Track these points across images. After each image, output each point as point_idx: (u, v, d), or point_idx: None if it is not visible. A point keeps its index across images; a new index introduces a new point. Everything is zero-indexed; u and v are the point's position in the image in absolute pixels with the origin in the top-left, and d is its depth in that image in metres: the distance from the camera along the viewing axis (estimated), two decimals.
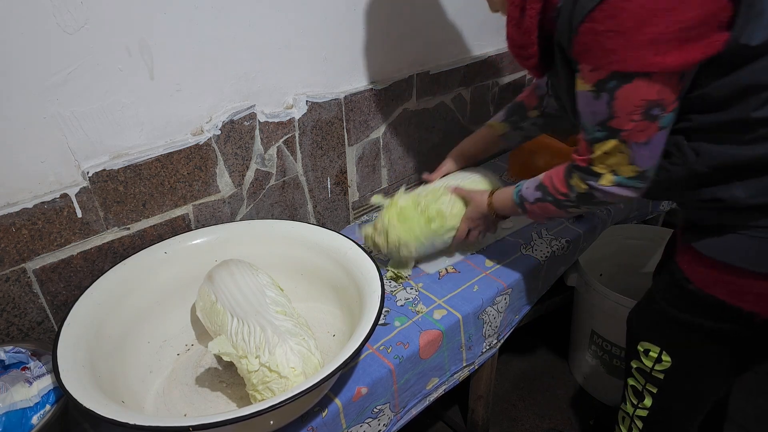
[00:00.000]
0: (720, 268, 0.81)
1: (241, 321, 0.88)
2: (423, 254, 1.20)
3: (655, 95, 0.71)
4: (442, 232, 1.14)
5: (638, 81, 0.70)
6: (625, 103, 0.73)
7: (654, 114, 0.72)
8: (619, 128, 0.76)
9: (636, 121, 0.74)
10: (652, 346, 0.95)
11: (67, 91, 0.87)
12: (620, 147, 0.77)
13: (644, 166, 0.78)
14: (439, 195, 1.15)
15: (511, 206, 1.04)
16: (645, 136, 0.75)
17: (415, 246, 1.14)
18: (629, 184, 0.81)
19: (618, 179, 0.80)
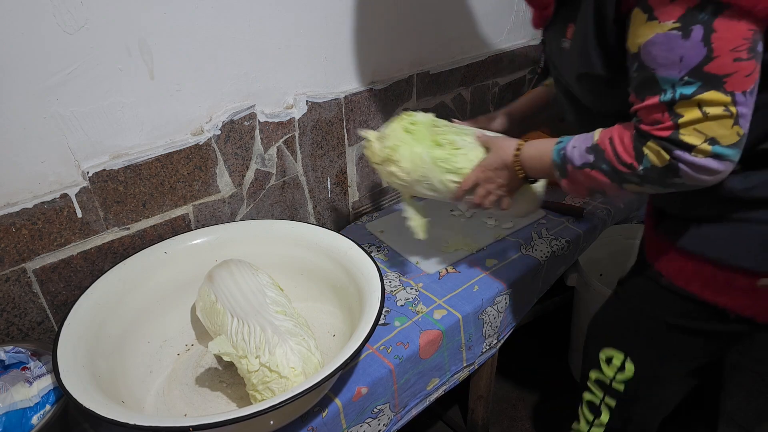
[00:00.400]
0: (696, 261, 0.75)
1: (241, 321, 0.88)
2: (413, 183, 0.99)
3: (758, 24, 0.58)
4: (444, 167, 0.94)
5: (740, 8, 0.58)
6: (728, 36, 0.58)
7: (759, 50, 0.59)
8: (720, 73, 0.59)
9: (742, 60, 0.59)
10: (615, 352, 0.89)
11: (67, 91, 0.87)
12: (723, 100, 0.60)
13: (745, 127, 0.62)
14: (464, 132, 0.96)
15: (547, 165, 0.82)
16: (752, 81, 0.60)
17: (409, 164, 0.95)
18: (729, 156, 0.62)
19: (717, 149, 0.62)
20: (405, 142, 0.96)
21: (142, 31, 0.92)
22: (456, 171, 0.95)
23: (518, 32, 1.70)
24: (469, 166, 0.94)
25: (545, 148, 0.82)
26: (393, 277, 1.19)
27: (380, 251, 1.29)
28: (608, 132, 0.73)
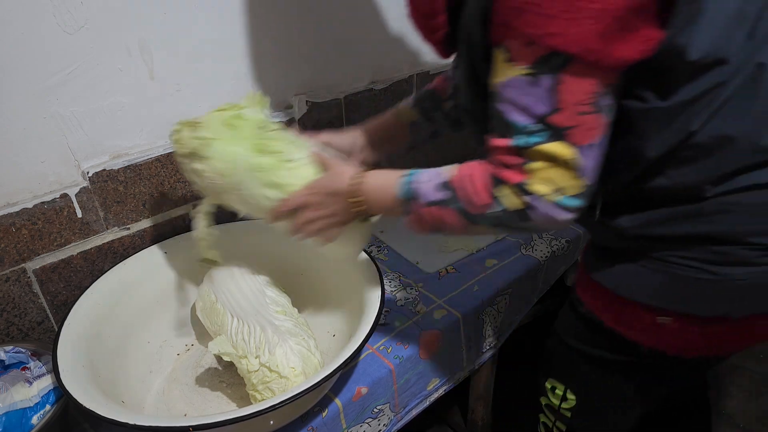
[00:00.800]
0: (606, 295, 0.75)
1: (241, 321, 0.87)
2: (223, 189, 0.82)
3: (604, 80, 0.57)
4: (264, 179, 0.78)
5: (587, 62, 0.56)
6: (575, 89, 0.57)
7: (603, 104, 0.58)
8: (563, 125, 0.58)
9: (586, 114, 0.58)
10: (557, 383, 0.89)
11: (67, 91, 0.87)
12: (567, 153, 0.58)
13: (590, 179, 0.61)
14: (298, 144, 0.82)
15: (390, 199, 0.74)
16: (595, 135, 0.59)
17: (222, 165, 0.79)
18: (574, 206, 0.61)
19: (561, 200, 0.60)
20: (223, 137, 0.78)
21: (142, 31, 0.92)
22: (278, 186, 0.78)
23: None
24: (297, 184, 0.78)
25: (390, 180, 0.74)
26: (393, 277, 1.19)
27: (380, 251, 1.29)
28: (465, 169, 0.69)
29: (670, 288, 0.69)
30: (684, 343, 0.73)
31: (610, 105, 0.59)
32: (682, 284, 0.68)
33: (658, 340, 0.75)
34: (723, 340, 0.72)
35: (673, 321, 0.70)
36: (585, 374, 0.86)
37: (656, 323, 0.72)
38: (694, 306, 0.68)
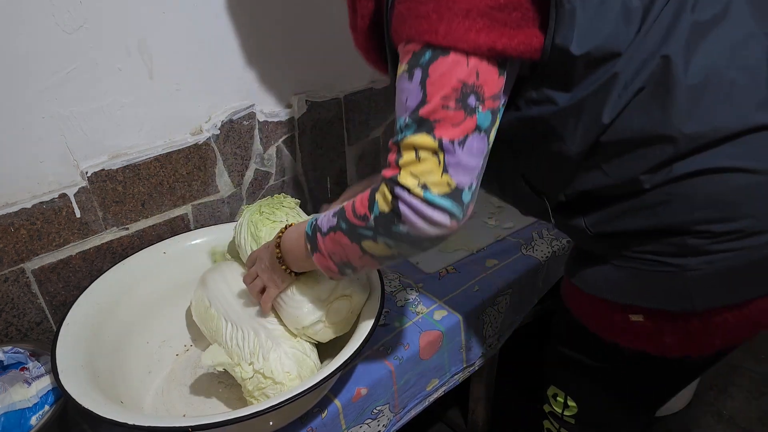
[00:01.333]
0: (583, 297, 0.76)
1: (234, 326, 0.87)
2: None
3: (473, 77, 0.59)
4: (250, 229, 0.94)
5: (455, 56, 0.58)
6: (440, 80, 0.59)
7: (470, 105, 0.59)
8: (429, 117, 0.60)
9: (450, 109, 0.59)
10: (558, 390, 0.90)
11: (66, 90, 0.87)
12: (431, 145, 0.60)
13: (459, 181, 0.61)
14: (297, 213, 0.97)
15: (302, 244, 0.76)
16: (461, 132, 0.60)
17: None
18: (441, 205, 0.61)
19: (428, 195, 0.60)
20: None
21: (142, 31, 0.91)
22: (256, 238, 0.89)
23: None
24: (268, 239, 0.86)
25: (302, 225, 0.77)
26: (393, 278, 1.19)
27: None
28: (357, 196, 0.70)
29: (636, 284, 0.70)
30: (661, 342, 0.73)
31: (480, 109, 0.60)
32: (645, 279, 0.68)
33: (635, 340, 0.74)
34: (699, 337, 0.71)
35: (645, 318, 0.71)
36: (580, 382, 0.87)
37: (630, 321, 0.72)
38: (658, 300, 0.69)
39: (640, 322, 0.71)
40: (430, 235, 0.64)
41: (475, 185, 0.63)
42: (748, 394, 1.64)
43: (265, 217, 0.92)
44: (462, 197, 0.62)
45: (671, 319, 0.70)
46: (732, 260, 0.64)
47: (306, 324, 0.83)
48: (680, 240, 0.65)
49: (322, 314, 0.83)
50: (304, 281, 0.82)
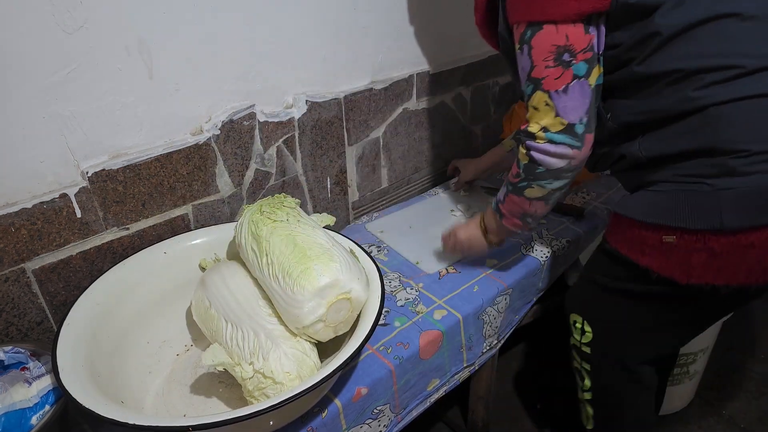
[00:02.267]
0: (622, 223, 0.85)
1: (234, 326, 0.87)
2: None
3: (563, 40, 0.78)
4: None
5: (548, 27, 0.79)
6: (539, 49, 0.80)
7: (566, 60, 0.79)
8: (538, 77, 0.81)
9: (551, 67, 0.80)
10: (577, 317, 0.98)
11: (67, 90, 0.87)
12: (543, 97, 0.82)
13: (569, 118, 0.81)
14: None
15: (494, 217, 1.03)
16: (562, 83, 0.80)
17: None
18: (560, 140, 0.82)
19: (548, 135, 0.83)
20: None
21: (142, 31, 0.91)
22: (256, 237, 0.91)
23: None
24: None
25: (490, 207, 1.05)
26: (393, 277, 1.19)
27: (380, 251, 1.29)
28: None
29: (673, 205, 0.78)
30: (688, 264, 0.79)
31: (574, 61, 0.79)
32: (681, 200, 0.77)
33: (665, 263, 0.80)
34: (726, 259, 0.76)
35: (677, 239, 0.78)
36: (603, 304, 0.94)
37: (663, 243, 0.79)
38: (691, 219, 0.76)
39: (672, 242, 0.78)
40: (561, 165, 0.85)
41: (586, 119, 0.82)
42: (748, 394, 1.64)
43: (266, 216, 0.92)
44: (575, 130, 0.82)
45: (701, 240, 0.76)
46: (763, 180, 0.71)
47: (306, 324, 0.83)
48: (720, 161, 0.73)
49: (322, 314, 0.83)
50: (305, 281, 0.82)
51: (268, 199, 0.98)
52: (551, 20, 0.78)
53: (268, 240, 0.88)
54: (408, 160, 1.52)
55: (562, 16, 0.77)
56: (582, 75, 0.80)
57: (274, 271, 0.85)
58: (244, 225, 0.94)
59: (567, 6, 0.76)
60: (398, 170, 1.51)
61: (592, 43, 0.79)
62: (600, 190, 1.53)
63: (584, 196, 1.50)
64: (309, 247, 0.86)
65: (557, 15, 0.77)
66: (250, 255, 0.91)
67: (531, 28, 0.80)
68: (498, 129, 1.74)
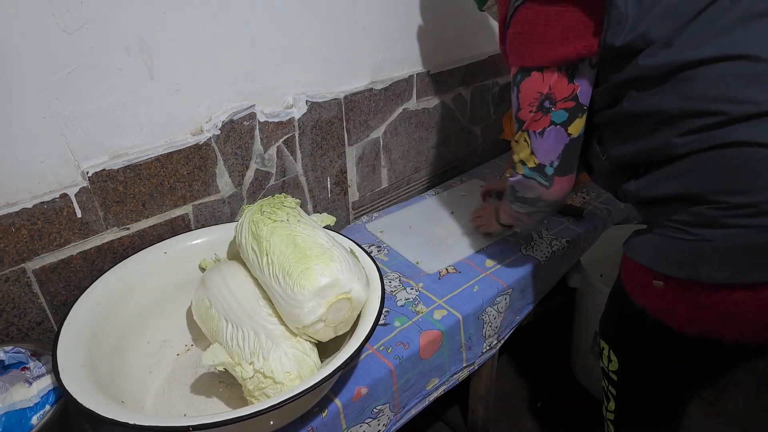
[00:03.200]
0: (628, 263, 0.86)
1: (235, 326, 0.87)
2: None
3: (546, 88, 0.83)
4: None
5: (534, 74, 0.83)
6: (525, 94, 0.86)
7: (546, 106, 0.84)
8: (522, 118, 0.89)
9: (532, 112, 0.86)
10: (604, 344, 0.97)
11: (67, 90, 0.87)
12: (524, 135, 0.89)
13: (541, 159, 0.89)
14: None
15: (505, 204, 1.13)
16: (540, 126, 0.86)
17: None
18: (531, 176, 0.92)
19: (523, 168, 0.92)
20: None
21: (142, 31, 0.91)
22: (257, 237, 0.91)
23: None
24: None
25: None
26: (393, 277, 1.19)
27: (380, 251, 1.29)
28: None
29: (660, 250, 0.77)
30: (675, 313, 0.79)
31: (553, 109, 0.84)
32: (667, 246, 0.76)
33: (656, 305, 0.81)
34: (710, 314, 0.75)
35: (664, 285, 0.77)
36: (623, 335, 0.93)
37: (653, 287, 0.79)
38: (672, 267, 0.75)
39: (660, 288, 0.78)
40: (533, 196, 0.96)
41: (557, 163, 0.88)
42: (749, 394, 1.64)
43: (266, 216, 0.92)
44: (545, 170, 0.90)
45: (685, 289, 0.75)
46: (742, 237, 0.68)
47: (306, 323, 0.83)
48: (699, 210, 0.72)
49: (323, 314, 0.83)
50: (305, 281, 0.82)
51: (268, 199, 0.98)
52: (538, 66, 0.82)
53: (269, 240, 0.88)
54: (408, 160, 1.52)
55: (548, 62, 0.80)
56: (559, 122, 0.84)
57: (274, 271, 0.85)
58: (245, 225, 0.94)
59: (553, 52, 0.79)
60: (398, 170, 1.51)
61: (576, 93, 0.81)
62: (600, 191, 1.53)
63: (584, 196, 1.50)
64: (309, 247, 0.86)
65: (543, 61, 0.81)
66: (250, 255, 0.91)
67: (521, 72, 0.85)
68: (498, 129, 1.74)
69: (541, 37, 0.79)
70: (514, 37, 0.83)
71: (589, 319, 1.55)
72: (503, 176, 1.54)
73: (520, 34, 0.82)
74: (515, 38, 0.83)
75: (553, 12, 0.77)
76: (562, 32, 0.77)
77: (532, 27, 0.80)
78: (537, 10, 0.78)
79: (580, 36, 0.77)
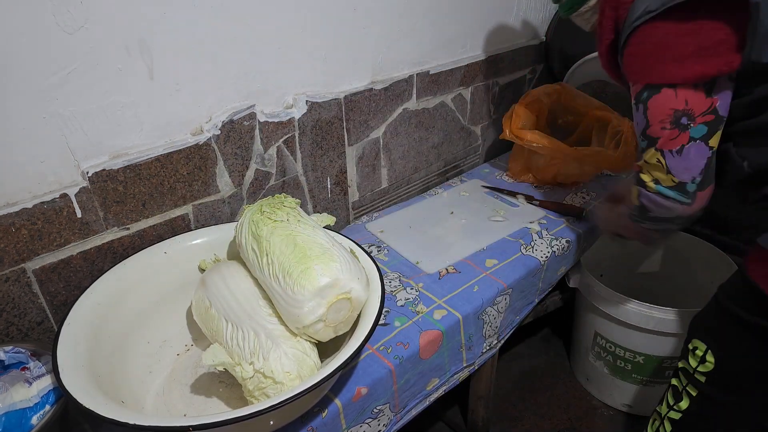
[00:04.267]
0: (764, 257, 0.82)
1: (235, 326, 0.87)
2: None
3: (682, 105, 0.79)
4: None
5: (666, 91, 0.80)
6: (656, 112, 0.82)
7: (683, 123, 0.81)
8: (653, 136, 0.85)
9: (667, 129, 0.82)
10: (700, 343, 0.93)
11: (67, 90, 0.87)
12: (656, 155, 0.85)
13: (681, 178, 0.84)
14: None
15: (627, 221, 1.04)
16: (677, 144, 0.82)
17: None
18: (669, 195, 0.87)
19: (658, 188, 0.87)
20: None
21: (142, 31, 0.92)
22: (257, 237, 0.91)
23: (518, 32, 1.70)
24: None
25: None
26: (393, 277, 1.19)
27: (380, 251, 1.29)
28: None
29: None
30: None
31: (692, 125, 0.80)
32: None
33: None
34: None
35: None
36: (732, 337, 0.90)
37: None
38: None
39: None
40: (669, 216, 0.91)
41: (699, 179, 0.84)
42: None
43: (266, 216, 0.92)
44: (686, 188, 0.86)
45: None
46: None
47: (306, 323, 0.83)
48: None
49: (323, 314, 0.83)
50: (305, 281, 0.82)
51: (268, 199, 0.98)
52: (670, 84, 0.79)
53: (269, 240, 0.88)
54: (408, 160, 1.52)
55: (683, 80, 0.77)
56: (699, 137, 0.81)
57: (274, 271, 0.85)
58: (245, 225, 0.94)
59: (689, 69, 0.76)
60: (398, 170, 1.51)
61: (715, 107, 0.79)
62: (600, 191, 1.53)
63: (584, 196, 1.50)
64: (309, 247, 0.86)
65: (677, 79, 0.78)
66: (250, 255, 0.91)
67: (648, 89, 0.82)
68: (498, 129, 1.74)
69: (674, 55, 0.77)
70: (637, 55, 0.81)
71: (589, 319, 1.55)
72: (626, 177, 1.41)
73: (646, 53, 0.80)
74: (639, 57, 0.81)
75: (685, 30, 0.75)
76: (698, 50, 0.75)
77: (662, 46, 0.78)
78: (667, 28, 0.76)
79: (717, 53, 0.75)
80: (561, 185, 1.56)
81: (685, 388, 0.97)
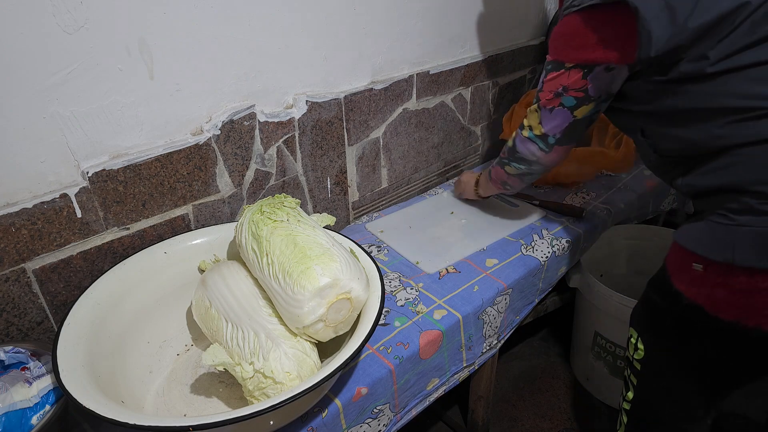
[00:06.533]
0: (675, 248, 0.89)
1: (235, 326, 0.87)
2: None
3: (565, 81, 0.97)
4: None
5: (563, 70, 0.96)
6: (549, 83, 1.00)
7: (559, 92, 0.99)
8: (540, 96, 1.03)
9: (550, 94, 1.01)
10: (633, 332, 0.99)
11: (67, 90, 0.87)
12: (536, 108, 1.05)
13: (545, 129, 1.04)
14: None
15: (485, 177, 1.31)
16: (551, 104, 1.01)
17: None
18: (534, 140, 1.07)
19: (529, 134, 1.07)
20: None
21: (142, 31, 0.92)
22: (257, 237, 0.91)
23: (518, 32, 1.70)
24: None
25: (486, 171, 1.32)
26: (393, 277, 1.19)
27: (380, 251, 1.29)
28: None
29: (704, 235, 0.82)
30: (713, 296, 0.82)
31: (564, 95, 0.98)
32: (710, 230, 0.81)
33: (694, 290, 0.84)
34: (747, 298, 0.78)
35: (703, 268, 0.81)
36: (654, 323, 0.95)
37: (692, 270, 0.83)
38: (713, 250, 0.79)
39: (699, 271, 0.82)
40: (531, 159, 1.10)
41: (560, 135, 1.04)
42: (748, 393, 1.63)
43: (266, 216, 0.92)
44: (548, 139, 1.05)
45: (722, 273, 0.79)
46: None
47: (306, 323, 0.83)
48: (740, 197, 0.78)
49: (323, 314, 0.83)
50: (305, 281, 0.82)
51: (268, 199, 0.98)
52: (572, 65, 0.94)
53: (269, 240, 0.88)
54: (408, 160, 1.52)
55: (575, 62, 0.94)
56: (568, 106, 0.99)
57: (274, 271, 0.85)
58: (245, 225, 0.94)
59: (581, 55, 0.92)
60: (398, 170, 1.51)
61: (587, 87, 0.94)
62: (600, 191, 1.53)
63: (584, 196, 1.50)
64: (309, 247, 0.86)
65: (572, 61, 0.94)
66: (250, 255, 0.91)
67: (554, 64, 0.98)
68: (498, 129, 1.74)
69: (577, 44, 0.92)
70: (555, 35, 0.96)
71: (589, 319, 1.55)
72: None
73: (562, 35, 0.95)
74: (556, 37, 0.96)
75: (591, 26, 0.89)
76: (596, 42, 0.89)
77: (571, 34, 0.92)
78: (579, 21, 0.90)
79: (610, 47, 0.88)
80: (561, 185, 1.56)
81: (629, 378, 1.02)
